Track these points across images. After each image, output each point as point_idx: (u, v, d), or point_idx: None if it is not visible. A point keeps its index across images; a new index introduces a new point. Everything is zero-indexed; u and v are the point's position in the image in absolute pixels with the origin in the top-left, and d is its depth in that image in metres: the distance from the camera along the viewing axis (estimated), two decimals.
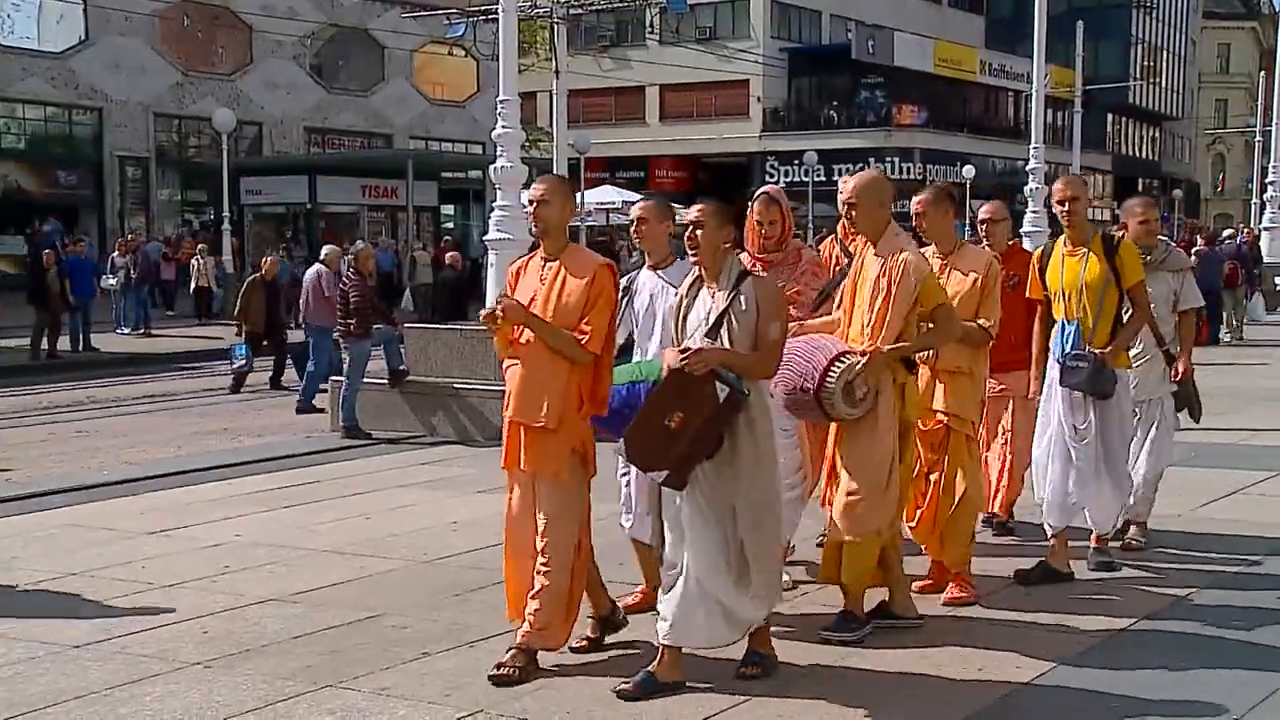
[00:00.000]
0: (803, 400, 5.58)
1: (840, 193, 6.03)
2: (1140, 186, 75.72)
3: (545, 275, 5.46)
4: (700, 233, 5.20)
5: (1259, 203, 41.85)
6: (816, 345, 5.63)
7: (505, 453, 5.51)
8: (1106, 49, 67.47)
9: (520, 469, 5.44)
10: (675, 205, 6.92)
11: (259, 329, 17.66)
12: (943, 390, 6.30)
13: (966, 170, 50.34)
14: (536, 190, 5.51)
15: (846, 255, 6.62)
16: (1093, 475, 6.65)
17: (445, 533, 8.07)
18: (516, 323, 5.37)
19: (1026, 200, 23.65)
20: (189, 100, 39.06)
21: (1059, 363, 6.66)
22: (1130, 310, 6.71)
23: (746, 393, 5.03)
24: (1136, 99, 73.35)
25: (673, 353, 5.16)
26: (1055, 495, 6.77)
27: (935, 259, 6.36)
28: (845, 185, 5.93)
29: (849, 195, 5.85)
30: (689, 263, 5.41)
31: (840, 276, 6.27)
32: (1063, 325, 6.70)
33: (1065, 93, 50.60)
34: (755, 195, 6.51)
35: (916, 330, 5.77)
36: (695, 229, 5.20)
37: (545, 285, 5.42)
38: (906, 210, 6.53)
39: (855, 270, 5.91)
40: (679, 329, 5.29)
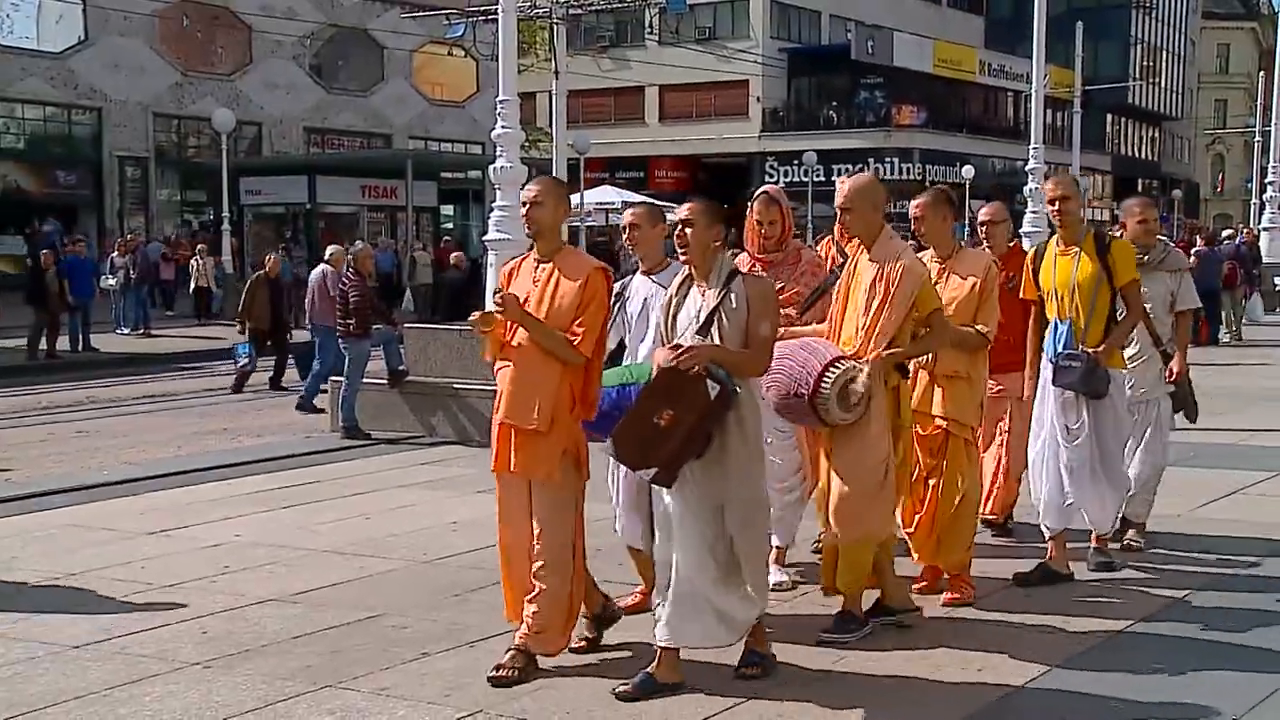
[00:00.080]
0: (797, 405, 5.55)
1: (836, 198, 6.00)
2: (1140, 187, 75.73)
3: (539, 277, 5.43)
4: (690, 231, 5.17)
5: (1258, 203, 41.86)
6: (810, 349, 5.60)
7: (495, 455, 5.46)
8: (1106, 49, 67.50)
9: (510, 471, 5.40)
10: (669, 205, 6.91)
11: (263, 327, 17.60)
12: (941, 395, 6.28)
13: (966, 170, 50.35)
14: (530, 192, 5.48)
15: (843, 256, 6.60)
16: (1087, 476, 6.64)
17: (445, 533, 8.06)
18: (512, 320, 5.34)
19: (1026, 200, 23.66)
20: (188, 100, 39.05)
21: (1052, 363, 6.64)
22: (1124, 309, 6.69)
23: (738, 390, 5.01)
24: (1136, 99, 73.37)
25: (663, 352, 5.15)
26: (1051, 497, 6.77)
27: (934, 263, 6.34)
28: (840, 189, 5.90)
29: (844, 200, 5.82)
30: (680, 263, 5.39)
31: (830, 280, 6.21)
32: (1055, 325, 6.68)
33: (1065, 93, 50.62)
34: (755, 195, 6.50)
35: (911, 336, 5.77)
36: (684, 228, 5.18)
37: (539, 287, 5.40)
38: (904, 211, 6.53)
39: (848, 274, 5.88)
40: (668, 328, 5.27)
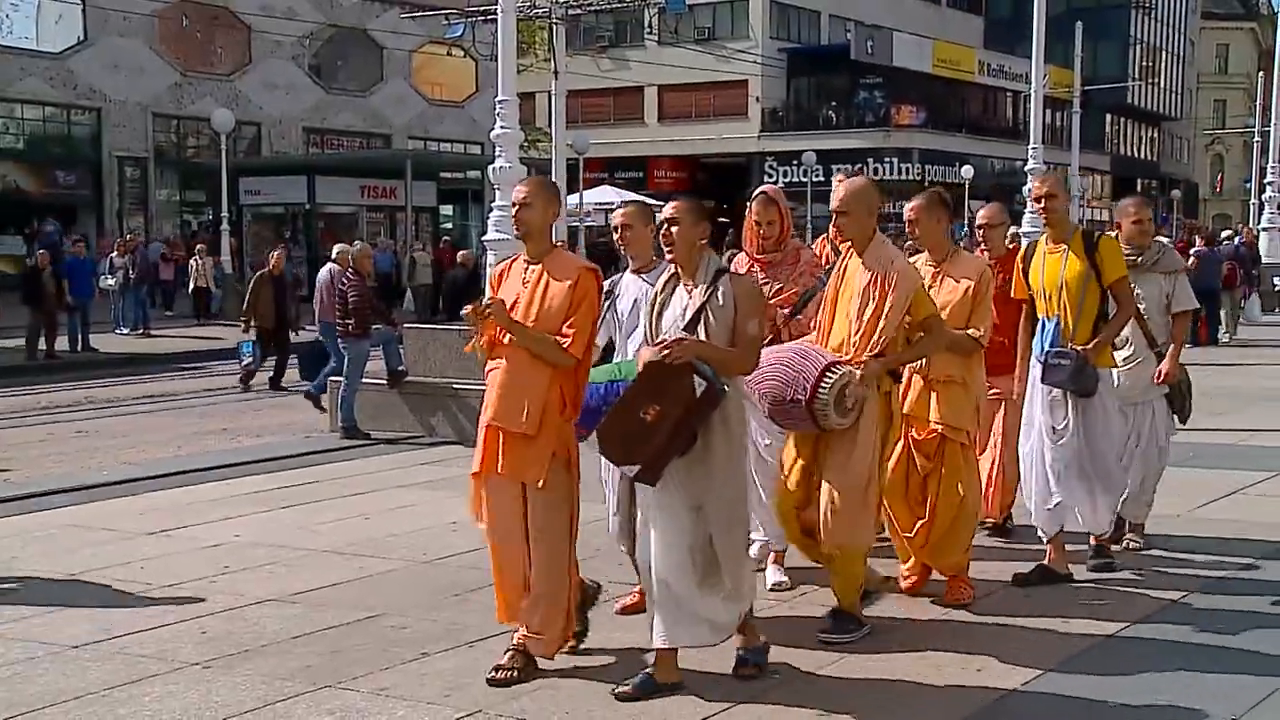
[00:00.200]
0: (793, 410, 5.51)
1: (832, 201, 5.97)
2: (1139, 187, 75.73)
3: (528, 279, 5.40)
4: (675, 230, 5.15)
5: (1257, 203, 41.86)
6: (804, 354, 5.57)
7: (481, 457, 5.38)
8: (1105, 49, 67.50)
9: (499, 474, 5.33)
10: (661, 205, 6.88)
11: (267, 324, 17.57)
12: (936, 400, 6.24)
13: (965, 170, 50.37)
14: (519, 193, 5.45)
15: (839, 256, 6.60)
16: (1075, 476, 6.59)
17: (444, 533, 8.06)
18: (501, 326, 5.31)
19: (1025, 201, 23.68)
20: (188, 100, 39.05)
21: (1040, 361, 6.61)
22: (1115, 308, 6.65)
23: (725, 388, 4.99)
24: (1135, 99, 73.38)
25: (649, 350, 5.13)
26: (1040, 498, 6.76)
27: (928, 266, 6.32)
28: (836, 192, 5.86)
29: (840, 204, 5.78)
30: (667, 262, 5.37)
31: (817, 285, 6.16)
32: (1043, 323, 6.65)
33: (1064, 93, 50.64)
34: (753, 195, 6.48)
35: (905, 340, 5.76)
36: (670, 226, 5.16)
37: (528, 289, 5.37)
38: (902, 212, 6.52)
39: (836, 278, 5.84)
40: (653, 327, 5.25)
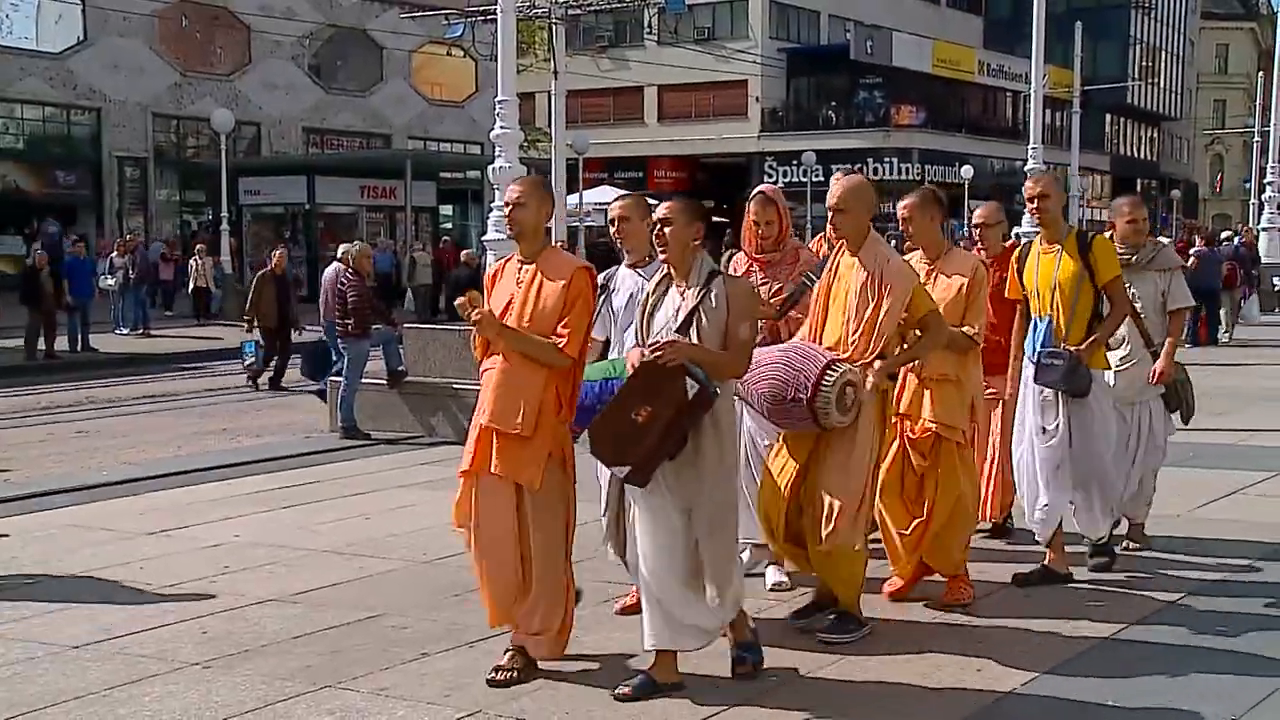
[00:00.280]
0: (794, 410, 5.48)
1: (828, 198, 5.88)
2: (1139, 187, 75.72)
3: (522, 278, 5.37)
4: (669, 230, 5.11)
5: (1257, 203, 41.87)
6: (804, 354, 5.53)
7: (472, 456, 5.31)
8: (1105, 49, 67.52)
9: (492, 474, 5.27)
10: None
11: (270, 323, 17.56)
12: (930, 398, 6.21)
13: (965, 170, 50.40)
14: (512, 193, 5.41)
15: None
16: (1065, 478, 6.55)
17: (445, 533, 8.00)
18: (490, 336, 5.29)
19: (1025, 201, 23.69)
20: (187, 100, 39.05)
21: (1033, 361, 6.58)
22: (1109, 308, 6.61)
23: (717, 390, 4.96)
24: (1135, 99, 73.40)
25: (638, 352, 5.10)
26: (1031, 501, 6.75)
27: (922, 264, 6.29)
28: (832, 190, 5.80)
29: (837, 201, 5.72)
30: (660, 261, 5.32)
31: (806, 284, 6.10)
32: (1035, 322, 6.64)
33: (1064, 93, 50.66)
34: (751, 195, 6.45)
35: (902, 339, 5.75)
36: (663, 226, 5.12)
37: (522, 288, 5.33)
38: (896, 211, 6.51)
39: (828, 277, 5.80)
40: (644, 328, 5.22)
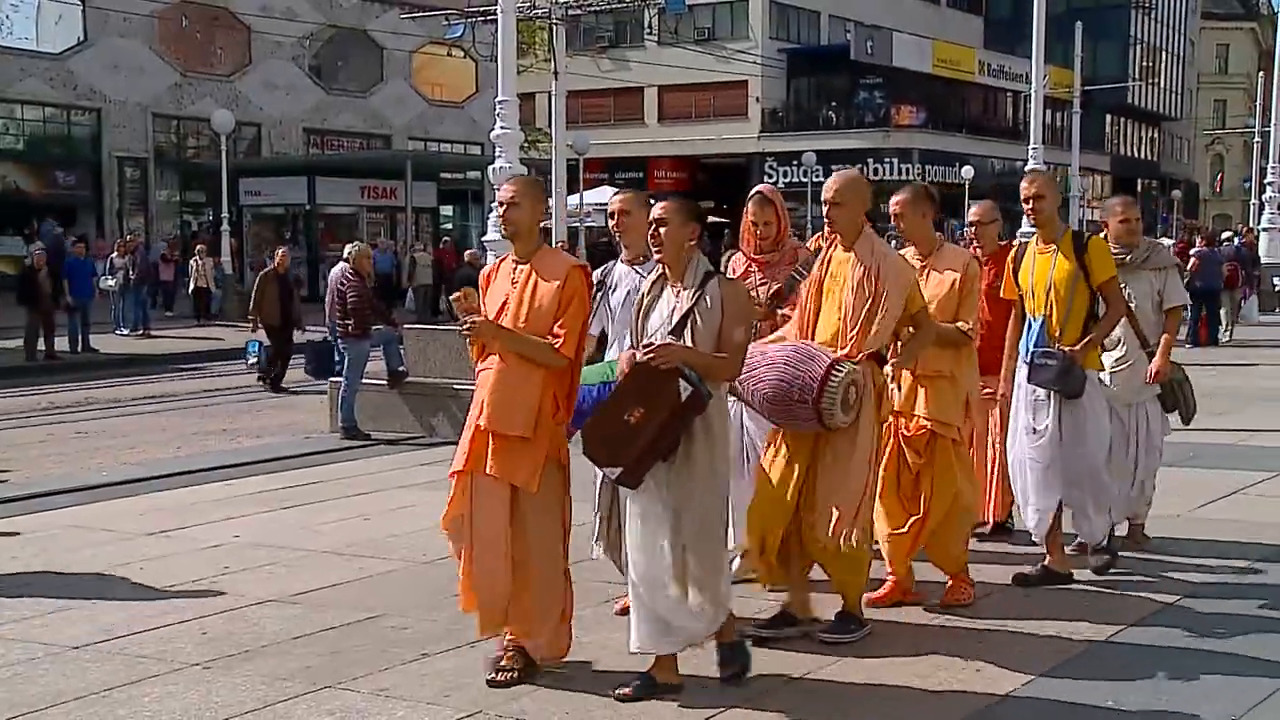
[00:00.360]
0: (798, 410, 5.43)
1: (824, 191, 5.81)
2: (1139, 187, 75.75)
3: (517, 279, 5.34)
4: (664, 230, 5.08)
5: (1258, 203, 41.88)
6: (807, 354, 5.48)
7: (466, 456, 5.26)
8: (1105, 49, 67.53)
9: (487, 475, 5.22)
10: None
11: (273, 322, 17.56)
12: (924, 395, 6.19)
13: (965, 171, 50.41)
14: (506, 192, 5.39)
15: None
16: (1056, 479, 6.52)
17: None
18: (485, 339, 5.26)
19: None
20: (187, 101, 39.06)
21: (1026, 361, 6.58)
22: (1105, 309, 6.59)
23: (710, 393, 4.94)
24: (1135, 99, 73.41)
25: (631, 354, 5.07)
26: (1022, 501, 6.74)
27: (914, 260, 6.27)
28: (829, 184, 5.76)
29: (833, 195, 5.69)
30: (655, 261, 5.29)
31: (796, 279, 6.05)
32: (1029, 322, 6.63)
33: (1064, 93, 50.67)
34: (750, 195, 6.42)
35: (894, 335, 5.73)
36: (659, 226, 5.09)
37: (517, 289, 5.31)
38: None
39: (820, 272, 5.76)
40: (639, 328, 5.19)
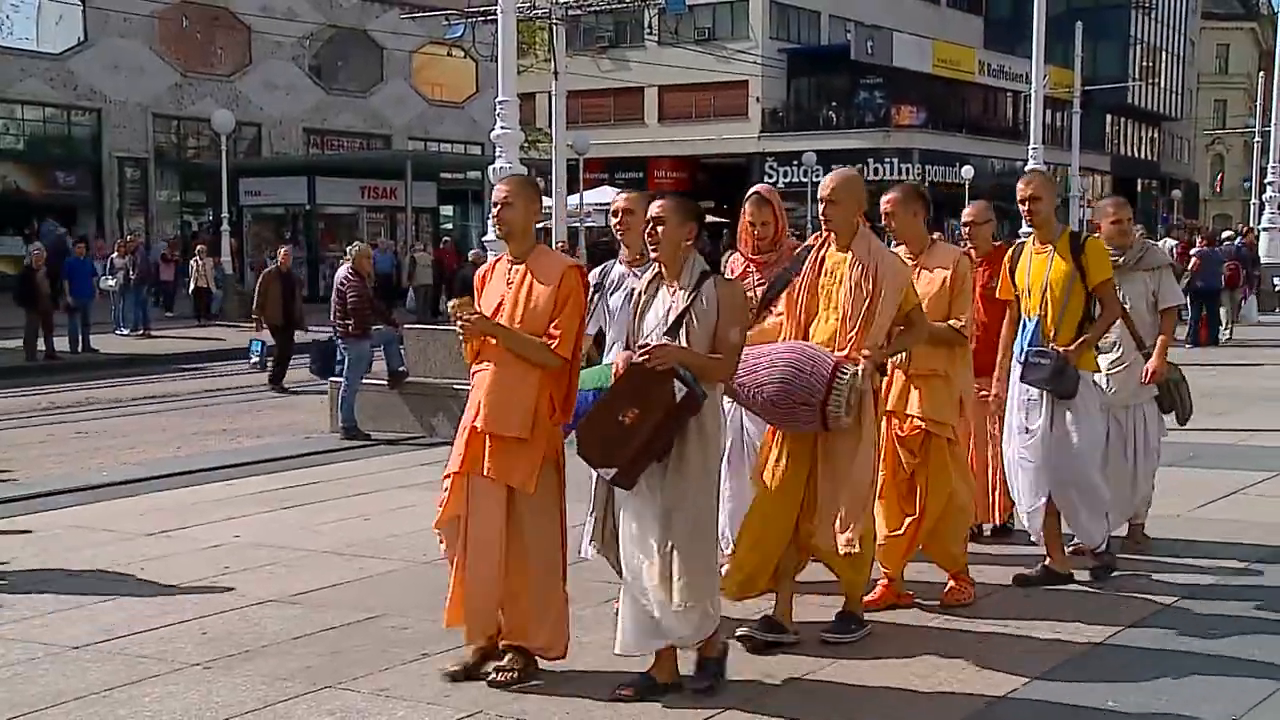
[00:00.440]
0: (802, 412, 5.40)
1: (820, 189, 5.81)
2: (1139, 187, 75.77)
3: (512, 279, 5.31)
4: (661, 229, 5.05)
5: (1258, 203, 41.88)
6: (811, 355, 5.46)
7: (462, 458, 5.22)
8: (1105, 49, 67.52)
9: (484, 476, 5.18)
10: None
11: (277, 322, 17.52)
12: (918, 395, 6.17)
13: (965, 171, 50.42)
14: (499, 192, 5.35)
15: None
16: (1045, 480, 6.51)
17: None
18: (483, 335, 5.23)
19: None
20: (188, 101, 39.07)
21: (1020, 361, 6.57)
22: (1100, 310, 6.57)
23: (704, 394, 4.92)
24: (1135, 99, 73.40)
25: (626, 355, 5.05)
26: (1019, 500, 6.74)
27: (906, 259, 6.21)
28: (825, 182, 5.75)
29: (830, 193, 5.67)
30: (651, 260, 5.25)
31: (784, 277, 5.96)
32: (1024, 323, 6.62)
33: (1064, 93, 50.69)
34: (747, 196, 6.39)
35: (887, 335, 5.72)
36: (656, 225, 5.06)
37: (513, 289, 5.28)
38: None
39: (814, 272, 5.73)
40: (635, 328, 5.17)
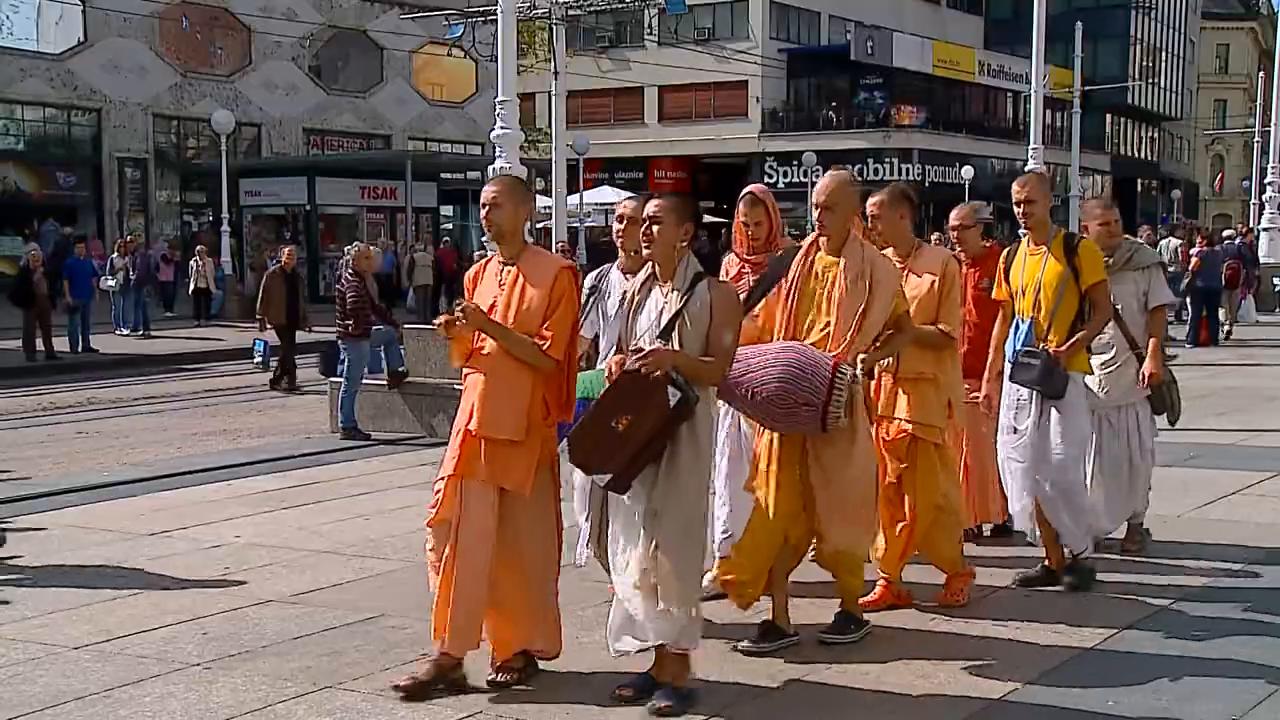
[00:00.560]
0: (803, 413, 5.36)
1: (816, 194, 5.75)
2: (1139, 187, 75.76)
3: (504, 280, 5.26)
4: (657, 229, 5.03)
5: (1258, 203, 41.87)
6: (810, 356, 5.42)
7: (456, 462, 5.16)
8: (1105, 49, 67.48)
9: (478, 479, 5.14)
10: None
11: (281, 321, 17.52)
12: (906, 400, 6.17)
13: (965, 171, 50.42)
14: (487, 194, 5.29)
15: None
16: (1031, 482, 6.50)
17: None
18: (477, 328, 5.18)
19: None
20: (188, 101, 39.07)
21: (1011, 361, 6.57)
22: (1092, 311, 6.56)
23: (698, 398, 4.90)
24: (1135, 99, 73.36)
25: (618, 359, 5.03)
26: (1013, 501, 6.75)
27: (894, 261, 6.14)
28: (821, 186, 5.71)
29: (827, 198, 5.64)
30: (644, 258, 5.21)
31: (772, 278, 5.87)
32: (1017, 323, 6.61)
33: (1064, 93, 50.61)
34: (740, 196, 6.35)
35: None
36: (652, 225, 5.04)
37: (505, 291, 5.24)
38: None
39: (803, 275, 5.67)
40: (628, 329, 5.14)
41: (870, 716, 4.98)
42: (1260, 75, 56.61)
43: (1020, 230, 6.74)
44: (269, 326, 17.77)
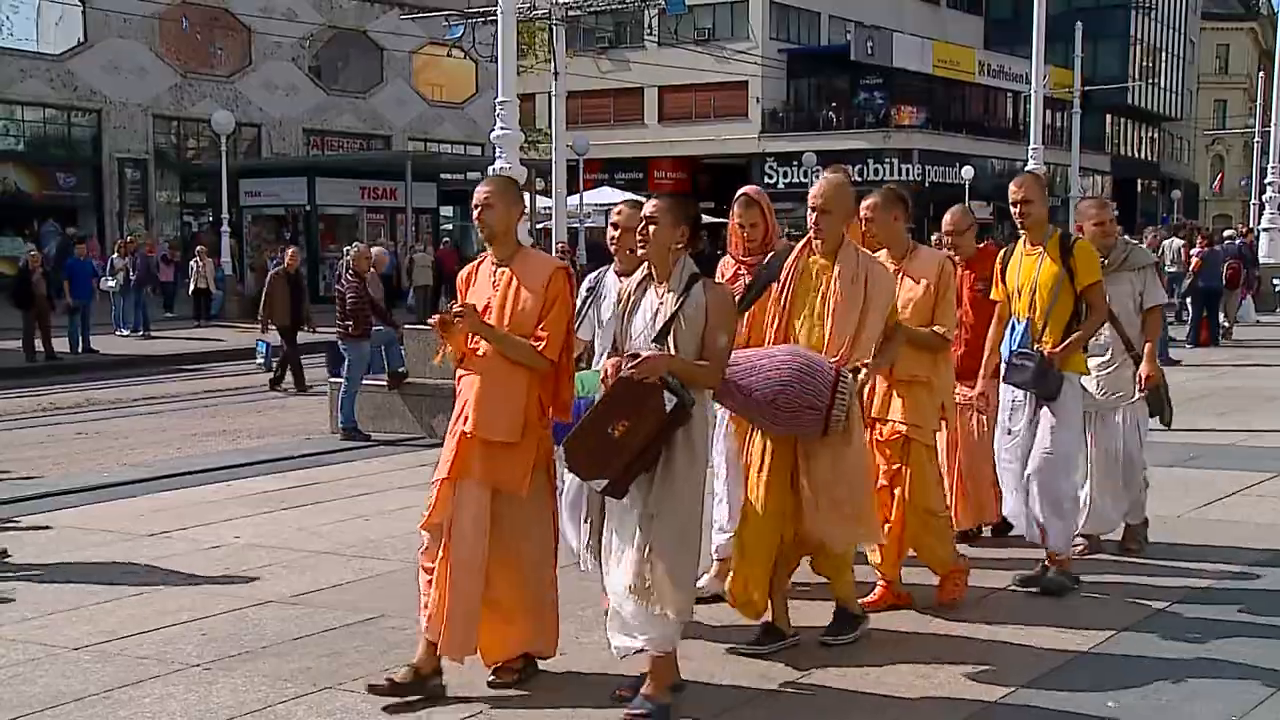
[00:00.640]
0: (806, 415, 5.34)
1: (812, 197, 5.67)
2: (1139, 187, 75.75)
3: (498, 281, 5.24)
4: (652, 229, 4.99)
5: (1258, 203, 41.88)
6: (813, 360, 5.40)
7: (451, 463, 5.13)
8: (1105, 49, 67.51)
9: (472, 481, 5.11)
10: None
11: (285, 322, 17.49)
12: (900, 401, 6.16)
13: (965, 171, 50.43)
14: (479, 194, 5.26)
15: None
16: (1021, 483, 6.50)
17: None
18: (472, 331, 5.16)
19: None
20: (188, 102, 39.09)
21: (1005, 361, 6.56)
22: (1088, 313, 6.54)
23: (693, 401, 4.88)
24: (1135, 100, 73.37)
25: (614, 362, 5.01)
26: (1008, 501, 6.75)
27: (888, 264, 6.14)
28: (818, 188, 5.65)
29: (824, 201, 5.58)
30: (640, 258, 5.18)
31: (764, 281, 5.79)
32: (1013, 324, 6.60)
33: (1064, 93, 50.64)
34: (735, 197, 6.30)
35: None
36: (648, 225, 5.00)
37: (499, 292, 5.21)
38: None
39: (795, 279, 5.62)
40: (622, 330, 5.11)
41: (872, 714, 4.98)
42: (1260, 75, 56.61)
43: (1019, 230, 6.73)
44: (271, 327, 17.76)
